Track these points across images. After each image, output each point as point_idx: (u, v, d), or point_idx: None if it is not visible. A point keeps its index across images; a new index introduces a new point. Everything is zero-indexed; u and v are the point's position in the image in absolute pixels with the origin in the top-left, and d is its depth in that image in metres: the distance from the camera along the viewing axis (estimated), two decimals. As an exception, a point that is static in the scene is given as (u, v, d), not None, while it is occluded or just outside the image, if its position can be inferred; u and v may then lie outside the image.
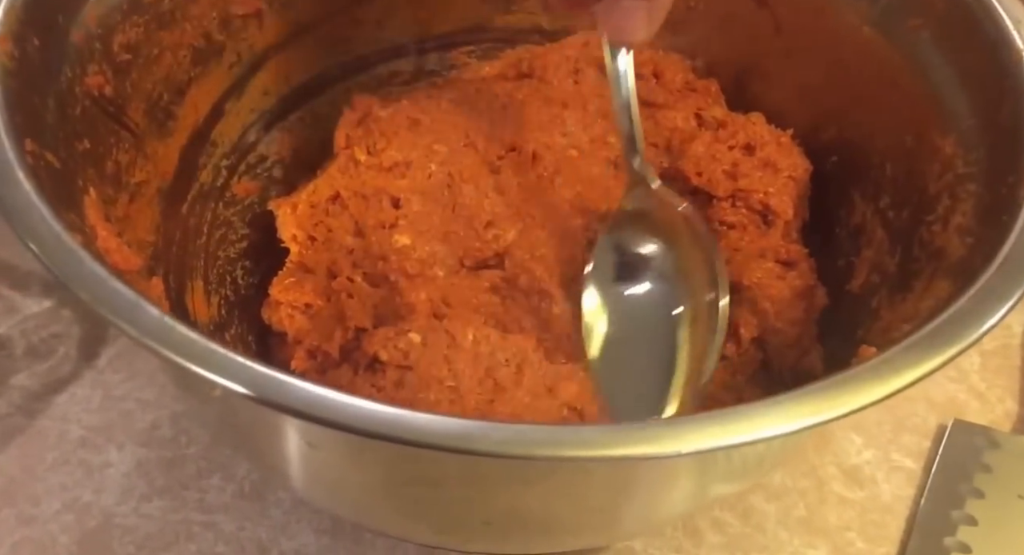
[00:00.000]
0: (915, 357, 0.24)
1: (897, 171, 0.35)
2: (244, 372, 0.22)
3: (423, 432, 0.21)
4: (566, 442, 0.21)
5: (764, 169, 0.38)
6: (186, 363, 0.22)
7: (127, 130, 0.35)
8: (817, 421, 0.22)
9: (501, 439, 0.21)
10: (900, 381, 0.23)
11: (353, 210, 0.39)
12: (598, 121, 0.41)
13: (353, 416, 0.21)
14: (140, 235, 0.36)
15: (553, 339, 0.36)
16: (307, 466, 0.28)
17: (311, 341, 0.38)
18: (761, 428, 0.22)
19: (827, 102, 0.40)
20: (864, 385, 0.23)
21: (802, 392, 0.23)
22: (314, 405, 0.22)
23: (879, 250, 0.35)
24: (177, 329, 0.22)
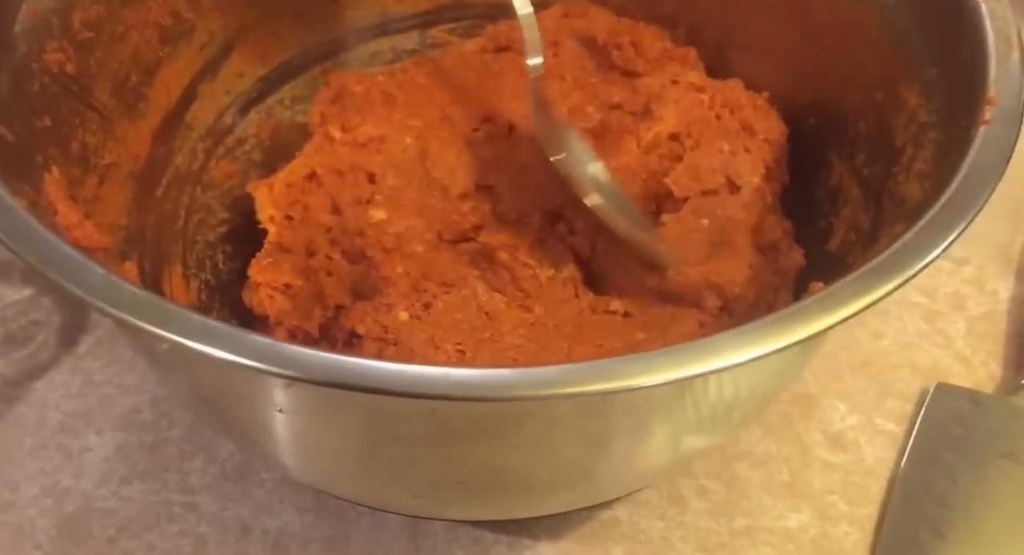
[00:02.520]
0: (861, 287, 0.23)
1: (870, 127, 0.35)
2: (195, 324, 0.21)
3: (380, 379, 0.20)
4: (523, 383, 0.20)
5: (740, 132, 0.37)
6: (131, 318, 0.21)
7: (93, 110, 0.34)
8: (766, 351, 0.22)
9: (460, 381, 0.20)
10: (846, 311, 0.22)
11: (329, 187, 0.38)
12: (576, 92, 0.40)
13: (311, 365, 0.20)
14: (111, 218, 0.35)
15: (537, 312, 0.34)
16: (281, 434, 0.27)
17: (291, 321, 0.37)
18: (718, 359, 0.21)
19: (803, 65, 0.39)
20: (811, 316, 0.23)
21: (756, 324, 0.22)
22: (272, 356, 0.20)
23: (855, 208, 0.35)
24: (124, 287, 0.21)
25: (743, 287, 0.34)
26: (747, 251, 0.36)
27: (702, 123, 0.37)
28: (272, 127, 0.46)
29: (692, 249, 0.36)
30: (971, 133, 0.26)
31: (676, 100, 0.38)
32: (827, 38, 0.37)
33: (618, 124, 0.39)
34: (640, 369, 0.20)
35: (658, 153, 0.38)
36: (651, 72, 0.40)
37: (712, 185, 0.37)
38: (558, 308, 0.35)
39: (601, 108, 0.40)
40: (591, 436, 0.25)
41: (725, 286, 0.35)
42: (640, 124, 0.39)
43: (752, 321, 0.22)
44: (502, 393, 0.19)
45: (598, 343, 0.34)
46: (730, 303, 0.35)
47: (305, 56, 0.47)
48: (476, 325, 0.33)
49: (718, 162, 0.37)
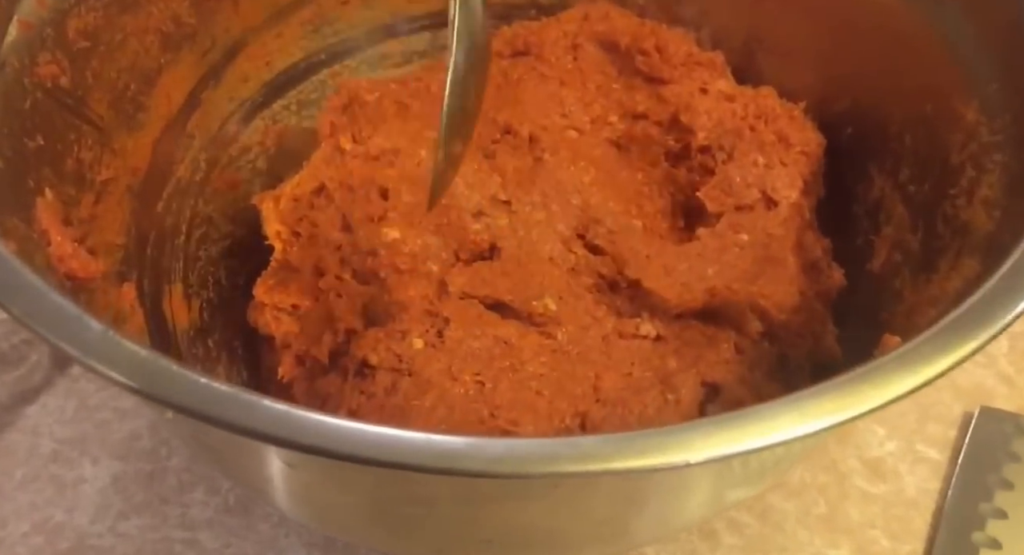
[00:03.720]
0: (943, 345, 0.21)
1: (917, 142, 0.33)
2: (202, 392, 0.19)
3: (407, 452, 0.18)
4: (564, 457, 0.18)
5: (776, 144, 0.35)
6: (132, 383, 0.19)
7: (90, 124, 0.33)
8: (837, 420, 0.20)
9: (493, 457, 0.18)
10: (928, 371, 0.21)
11: (339, 203, 0.36)
12: (599, 100, 0.39)
13: (330, 438, 0.19)
14: (109, 238, 0.33)
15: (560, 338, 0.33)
16: (289, 487, 0.26)
17: (299, 346, 0.35)
18: (778, 430, 0.20)
19: (839, 70, 0.38)
20: (888, 378, 0.21)
21: (821, 388, 0.21)
22: (285, 426, 0.19)
23: (900, 227, 0.33)
24: (124, 345, 0.20)
25: (790, 314, 0.33)
26: (794, 272, 0.34)
27: (735, 135, 0.36)
28: (278, 134, 0.45)
29: (733, 264, 0.34)
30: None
31: (707, 110, 0.36)
32: (867, 43, 0.36)
33: (643, 135, 0.38)
34: (687, 443, 0.19)
35: (687, 166, 0.37)
36: (677, 78, 0.39)
37: (747, 200, 0.35)
38: (582, 333, 0.34)
39: (625, 118, 0.38)
40: (628, 497, 0.24)
41: (771, 310, 0.33)
42: (668, 135, 0.37)
43: (821, 385, 0.20)
44: (541, 469, 0.18)
45: (627, 371, 0.32)
46: (773, 329, 0.33)
47: (312, 59, 0.46)
48: (495, 353, 0.32)
49: (753, 176, 0.35)
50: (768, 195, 0.35)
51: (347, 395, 0.32)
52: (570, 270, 0.35)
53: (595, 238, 0.35)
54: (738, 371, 0.32)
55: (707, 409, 0.31)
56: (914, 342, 0.21)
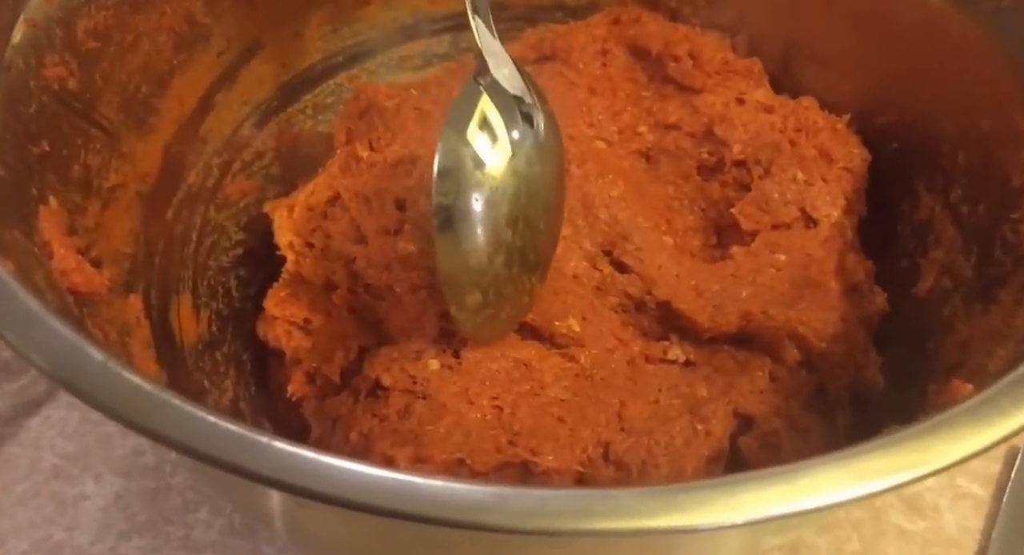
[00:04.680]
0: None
1: (971, 159, 0.32)
2: (209, 431, 0.19)
3: (428, 503, 0.17)
4: (599, 512, 0.17)
5: (817, 160, 0.34)
6: (138, 420, 0.19)
7: (98, 128, 0.32)
8: (901, 481, 0.19)
9: (523, 511, 0.17)
10: (1006, 426, 0.19)
11: (354, 213, 0.36)
12: (628, 109, 0.38)
13: (345, 485, 0.18)
14: (116, 246, 0.33)
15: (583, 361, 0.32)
16: (298, 526, 0.25)
17: (310, 363, 0.35)
18: (833, 490, 0.19)
19: (885, 80, 0.36)
20: (961, 432, 0.19)
21: (883, 442, 0.19)
22: (297, 472, 0.18)
23: (950, 250, 0.32)
24: (125, 378, 0.19)
25: (831, 342, 0.32)
26: (836, 297, 0.33)
27: (773, 149, 0.35)
28: (292, 138, 0.44)
29: (769, 286, 0.33)
30: None
31: (743, 122, 0.35)
32: (917, 51, 0.34)
33: (675, 147, 0.37)
34: (734, 501, 0.18)
35: (720, 180, 0.36)
36: (711, 87, 0.38)
37: (785, 218, 0.34)
38: (606, 356, 0.33)
39: (656, 128, 0.37)
40: (660, 548, 0.23)
41: (809, 337, 0.32)
42: (700, 148, 0.36)
43: (879, 439, 0.19)
44: (571, 525, 0.17)
45: (653, 399, 0.31)
46: (812, 357, 0.32)
47: (330, 61, 0.45)
48: (514, 376, 0.31)
49: (791, 193, 0.34)
50: (808, 213, 0.34)
51: (359, 417, 0.31)
52: (595, 289, 0.34)
53: (622, 255, 0.34)
54: (773, 401, 0.31)
55: (739, 441, 0.30)
56: (991, 390, 0.20)
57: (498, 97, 0.29)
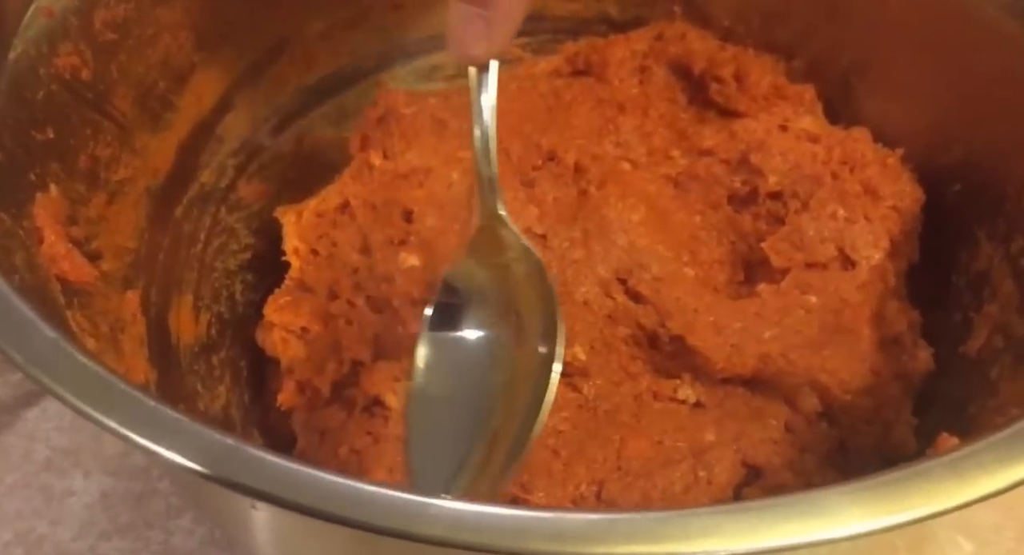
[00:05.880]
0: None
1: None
2: (143, 414, 0.20)
3: (410, 520, 0.19)
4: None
5: (861, 196, 0.34)
6: (71, 398, 0.20)
7: (111, 120, 0.35)
8: (897, 521, 0.19)
9: (509, 530, 0.18)
10: (988, 485, 0.20)
11: (361, 222, 0.38)
12: (660, 130, 0.39)
13: (311, 493, 0.19)
14: (119, 240, 0.35)
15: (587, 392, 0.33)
16: (261, 534, 0.26)
17: (302, 373, 0.36)
18: (806, 530, 0.19)
19: (952, 115, 0.36)
20: (974, 472, 0.20)
21: (883, 479, 0.20)
22: (236, 468, 0.20)
23: (1006, 306, 0.31)
24: (74, 356, 0.21)
25: (856, 395, 0.32)
26: (868, 347, 0.33)
27: (812, 181, 0.35)
28: (313, 144, 0.46)
29: (796, 329, 0.34)
30: None
31: (782, 151, 0.36)
32: (989, 85, 0.34)
33: (707, 174, 0.37)
34: (694, 531, 0.18)
35: (753, 212, 0.36)
36: (754, 112, 0.38)
37: (820, 257, 0.35)
38: (612, 389, 0.33)
39: (689, 153, 0.38)
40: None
41: (832, 388, 0.32)
42: (734, 176, 0.37)
43: (845, 484, 0.20)
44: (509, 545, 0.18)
45: (657, 439, 0.32)
46: (834, 410, 0.32)
47: (357, 65, 0.47)
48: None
49: (829, 230, 0.35)
50: (846, 253, 0.34)
51: (352, 433, 0.33)
52: (606, 317, 0.35)
53: (638, 284, 0.35)
54: (787, 453, 0.31)
55: (743, 493, 0.31)
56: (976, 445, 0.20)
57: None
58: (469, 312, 0.31)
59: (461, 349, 0.31)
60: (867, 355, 0.33)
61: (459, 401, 0.30)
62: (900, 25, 0.38)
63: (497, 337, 0.31)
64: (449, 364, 0.31)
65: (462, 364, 0.30)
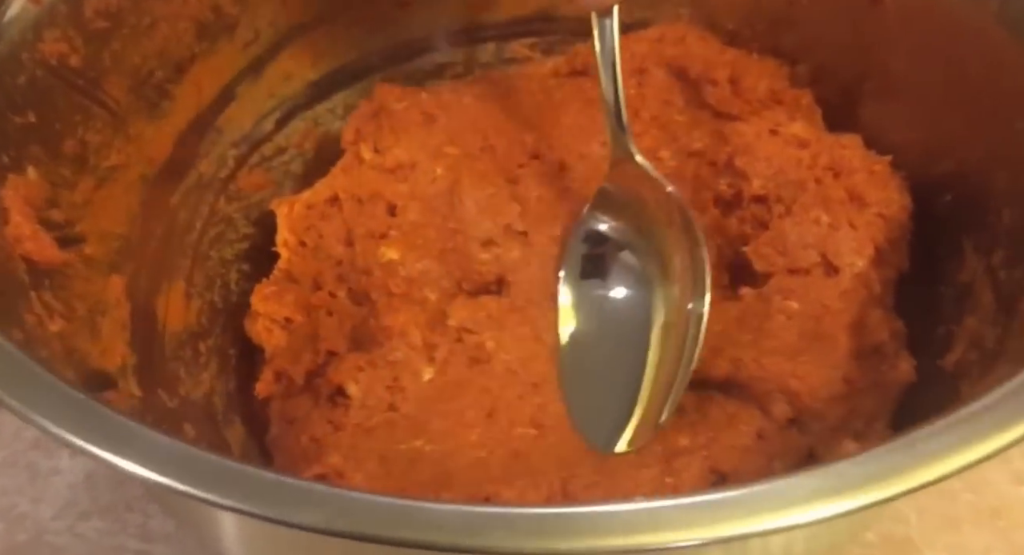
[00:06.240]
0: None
1: (1015, 219, 0.31)
2: (94, 420, 0.20)
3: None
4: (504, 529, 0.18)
5: (846, 202, 0.33)
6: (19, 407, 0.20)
7: (102, 107, 0.35)
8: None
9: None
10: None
11: (346, 215, 0.37)
12: (651, 131, 0.38)
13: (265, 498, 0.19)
14: (106, 225, 0.36)
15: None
16: (229, 534, 0.26)
17: (280, 362, 0.36)
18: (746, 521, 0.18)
19: (945, 125, 0.35)
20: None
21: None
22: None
23: (983, 319, 0.30)
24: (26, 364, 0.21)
25: (826, 403, 0.31)
26: (844, 355, 0.32)
27: (796, 186, 0.34)
28: (318, 138, 0.46)
29: (774, 335, 0.33)
30: None
31: (768, 155, 0.35)
32: (977, 97, 0.33)
33: (694, 176, 0.37)
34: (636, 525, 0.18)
35: (738, 216, 0.35)
36: (746, 116, 0.37)
37: (803, 263, 0.34)
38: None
39: (678, 154, 0.37)
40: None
41: (803, 395, 0.31)
42: (721, 179, 0.36)
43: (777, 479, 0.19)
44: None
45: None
46: (803, 417, 0.31)
47: (363, 62, 0.47)
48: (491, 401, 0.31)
49: (812, 236, 0.34)
50: (829, 260, 0.33)
51: (313, 421, 0.33)
52: None
53: None
54: (756, 461, 0.30)
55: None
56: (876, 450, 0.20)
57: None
58: (612, 256, 0.33)
59: (608, 295, 0.33)
60: (841, 363, 0.32)
61: (611, 348, 0.31)
62: (897, 34, 0.37)
63: (643, 279, 0.32)
64: (599, 311, 0.32)
65: (611, 310, 0.32)
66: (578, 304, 0.32)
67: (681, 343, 0.29)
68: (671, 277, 0.32)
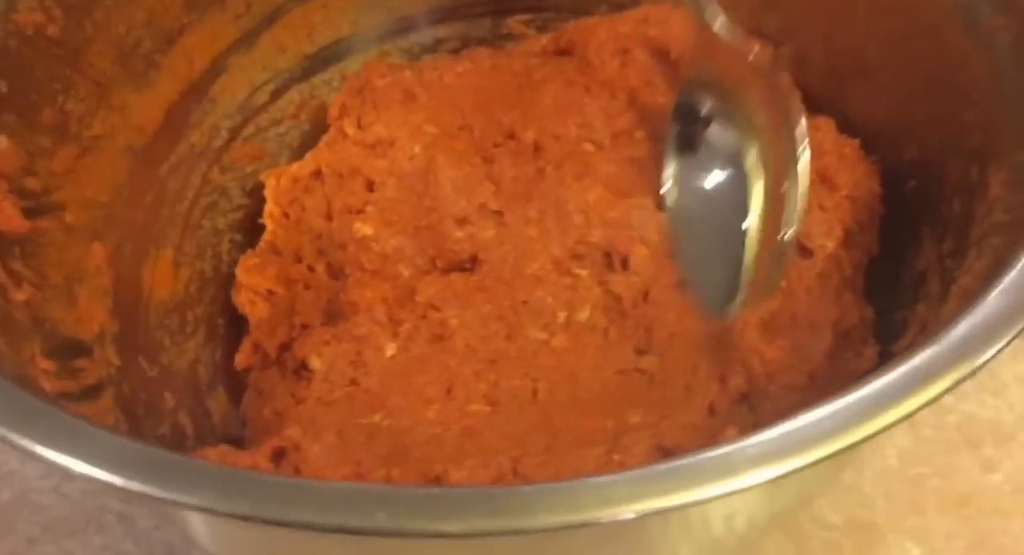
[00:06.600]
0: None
1: (960, 210, 0.30)
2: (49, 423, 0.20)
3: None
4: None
5: (817, 185, 0.32)
6: None
7: (85, 76, 0.35)
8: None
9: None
10: None
11: (328, 189, 0.37)
12: (629, 112, 0.38)
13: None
14: (88, 194, 0.36)
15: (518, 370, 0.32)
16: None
17: (259, 335, 0.36)
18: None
19: (912, 114, 0.35)
20: None
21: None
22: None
23: (930, 305, 0.30)
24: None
25: (783, 390, 0.31)
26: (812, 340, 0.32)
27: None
28: (314, 110, 0.46)
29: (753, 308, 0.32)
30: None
31: None
32: (937, 86, 0.33)
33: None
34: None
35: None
36: (725, 98, 0.36)
37: None
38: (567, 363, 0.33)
39: (653, 135, 0.36)
40: None
41: (761, 379, 0.31)
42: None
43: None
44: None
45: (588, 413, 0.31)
46: (756, 397, 0.31)
47: (360, 36, 0.46)
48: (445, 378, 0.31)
49: (784, 218, 0.33)
50: (801, 242, 0.32)
51: (278, 394, 0.33)
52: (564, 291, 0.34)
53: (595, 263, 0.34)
54: (702, 440, 0.30)
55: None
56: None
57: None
58: (708, 130, 0.34)
59: (709, 168, 0.34)
60: (814, 359, 0.31)
61: (718, 219, 0.33)
62: (866, 21, 0.37)
63: (737, 150, 0.33)
64: (701, 185, 0.34)
65: (713, 183, 0.34)
66: (679, 177, 0.33)
67: (779, 211, 0.30)
68: (763, 146, 0.32)
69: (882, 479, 0.37)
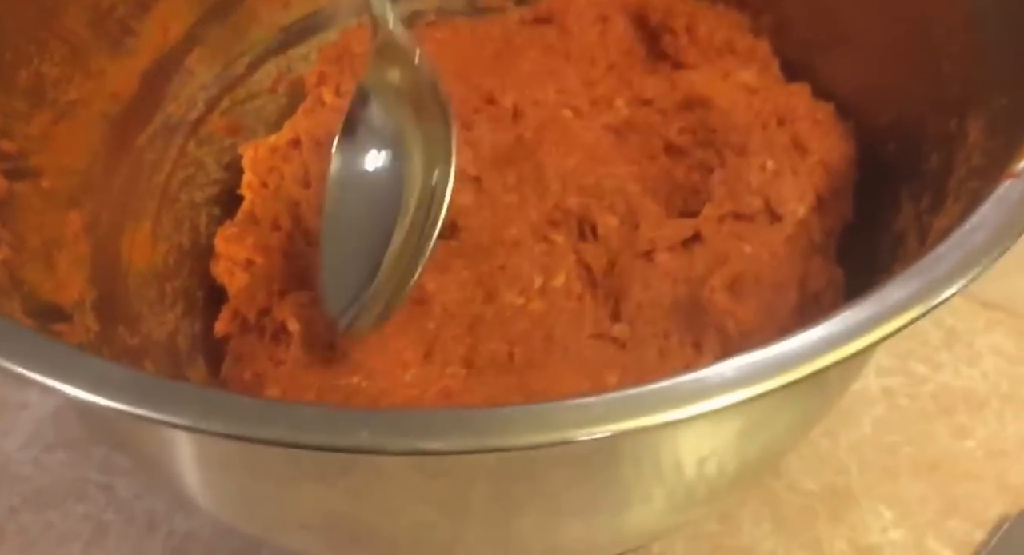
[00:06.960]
0: None
1: (939, 164, 0.30)
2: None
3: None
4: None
5: (790, 150, 0.32)
6: None
7: (61, 40, 0.34)
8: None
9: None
10: None
11: (306, 156, 0.37)
12: (607, 80, 0.38)
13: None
14: (65, 161, 0.35)
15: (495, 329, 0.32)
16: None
17: (238, 302, 0.36)
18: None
19: (891, 74, 0.35)
20: None
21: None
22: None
23: (907, 264, 0.29)
24: None
25: (741, 325, 0.31)
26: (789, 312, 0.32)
27: (744, 132, 0.34)
28: (292, 83, 0.46)
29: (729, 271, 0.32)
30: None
31: (716, 103, 0.35)
32: (915, 41, 0.33)
33: (645, 124, 0.36)
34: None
35: (686, 163, 0.35)
36: (701, 64, 0.37)
37: (747, 209, 0.33)
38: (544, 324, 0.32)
39: (632, 103, 0.37)
40: (442, 496, 0.22)
41: (734, 338, 0.31)
42: (670, 126, 0.35)
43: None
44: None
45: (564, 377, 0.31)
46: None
47: (337, 8, 0.46)
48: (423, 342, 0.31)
49: (758, 182, 0.33)
50: (771, 207, 0.33)
51: (257, 358, 0.32)
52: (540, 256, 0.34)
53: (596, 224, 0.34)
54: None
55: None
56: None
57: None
58: (378, 128, 0.32)
59: (370, 168, 0.31)
60: (783, 318, 0.31)
61: (366, 224, 0.30)
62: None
63: (403, 155, 0.31)
64: (359, 185, 0.31)
65: (371, 184, 0.31)
66: (342, 169, 0.30)
67: (423, 218, 0.28)
68: (428, 151, 0.30)
69: (856, 447, 0.37)
